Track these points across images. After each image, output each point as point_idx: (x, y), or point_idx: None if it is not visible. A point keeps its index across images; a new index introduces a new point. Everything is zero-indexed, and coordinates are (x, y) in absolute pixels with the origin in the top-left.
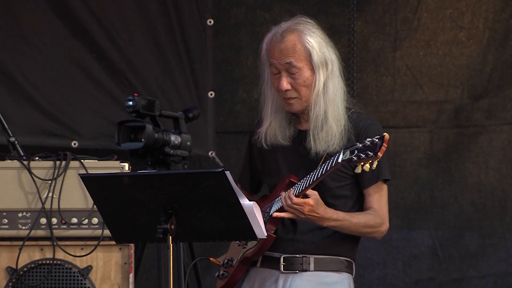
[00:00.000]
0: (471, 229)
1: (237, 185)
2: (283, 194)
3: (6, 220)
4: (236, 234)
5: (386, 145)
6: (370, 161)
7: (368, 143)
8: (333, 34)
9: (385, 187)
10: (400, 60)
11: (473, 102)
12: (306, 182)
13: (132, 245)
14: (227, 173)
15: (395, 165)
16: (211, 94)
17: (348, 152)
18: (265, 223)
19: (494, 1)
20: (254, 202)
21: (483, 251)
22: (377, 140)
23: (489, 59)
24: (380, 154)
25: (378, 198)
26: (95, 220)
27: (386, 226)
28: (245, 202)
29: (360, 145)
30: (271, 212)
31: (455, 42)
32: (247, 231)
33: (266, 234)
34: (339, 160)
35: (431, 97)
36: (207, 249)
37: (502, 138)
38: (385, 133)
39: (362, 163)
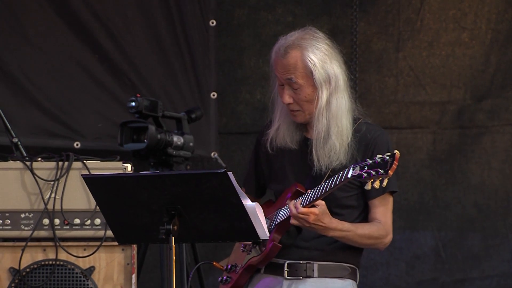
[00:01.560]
0: (474, 230)
1: (242, 189)
2: (290, 202)
3: (9, 221)
4: (239, 235)
5: (397, 163)
6: (380, 179)
7: (379, 160)
8: (336, 34)
9: (391, 199)
10: (403, 60)
11: (476, 102)
12: (314, 195)
13: (134, 245)
14: (230, 173)
15: (398, 166)
16: (214, 95)
17: (358, 168)
18: (270, 232)
19: (497, 2)
20: (257, 202)
21: (486, 252)
22: (388, 157)
23: (492, 60)
24: (390, 173)
25: (384, 210)
26: (97, 221)
27: (389, 237)
28: (247, 202)
29: (370, 161)
30: (277, 221)
31: (458, 42)
32: (250, 232)
33: (268, 235)
34: (349, 176)
35: (434, 97)
36: (210, 250)
37: (505, 139)
38: (396, 151)
39: (372, 180)
